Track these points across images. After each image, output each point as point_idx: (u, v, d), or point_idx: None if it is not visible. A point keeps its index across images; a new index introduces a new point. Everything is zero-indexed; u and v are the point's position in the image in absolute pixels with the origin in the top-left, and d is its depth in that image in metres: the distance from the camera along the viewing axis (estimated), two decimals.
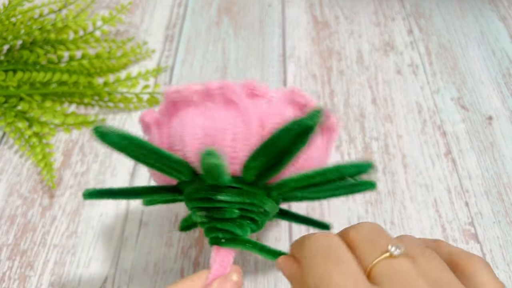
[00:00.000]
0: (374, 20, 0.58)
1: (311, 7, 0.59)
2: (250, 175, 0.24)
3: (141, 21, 0.57)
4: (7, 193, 0.41)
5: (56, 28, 0.48)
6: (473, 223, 0.39)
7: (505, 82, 0.51)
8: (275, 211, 0.27)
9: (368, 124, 0.46)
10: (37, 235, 0.38)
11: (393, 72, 0.51)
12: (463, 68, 0.52)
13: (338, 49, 0.54)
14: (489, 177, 0.42)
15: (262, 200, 0.25)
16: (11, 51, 0.47)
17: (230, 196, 0.25)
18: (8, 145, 0.44)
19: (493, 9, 0.59)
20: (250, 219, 0.26)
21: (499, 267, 0.36)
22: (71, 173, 0.42)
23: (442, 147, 0.44)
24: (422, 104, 0.48)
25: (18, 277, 0.36)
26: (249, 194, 0.25)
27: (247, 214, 0.26)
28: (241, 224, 0.26)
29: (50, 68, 0.46)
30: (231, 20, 0.57)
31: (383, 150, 0.44)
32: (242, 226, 0.26)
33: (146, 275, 0.36)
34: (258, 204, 0.25)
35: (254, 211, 0.26)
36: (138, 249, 0.37)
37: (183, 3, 0.59)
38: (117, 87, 0.46)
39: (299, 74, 0.51)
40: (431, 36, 0.56)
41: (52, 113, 0.44)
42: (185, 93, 0.25)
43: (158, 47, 0.54)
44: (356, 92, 0.49)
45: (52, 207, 0.40)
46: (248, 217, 0.26)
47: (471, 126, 0.46)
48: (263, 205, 0.26)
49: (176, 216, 0.39)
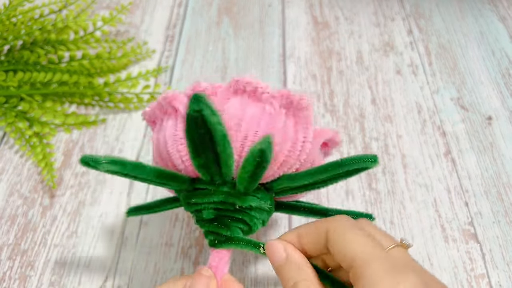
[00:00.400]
0: (374, 20, 0.58)
1: (311, 8, 0.59)
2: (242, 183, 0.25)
3: (141, 21, 0.57)
4: (8, 193, 0.41)
5: (56, 29, 0.49)
6: (473, 223, 0.39)
7: (505, 82, 0.51)
8: (268, 209, 0.27)
9: (368, 124, 0.46)
10: (38, 235, 0.38)
11: (393, 72, 0.51)
12: (462, 68, 0.52)
13: (338, 50, 0.54)
14: (488, 177, 0.42)
15: (246, 199, 0.26)
16: (12, 51, 0.47)
17: (201, 198, 0.26)
18: (8, 145, 0.44)
19: (493, 10, 0.59)
20: (231, 218, 0.26)
21: (498, 266, 0.37)
22: (72, 173, 0.42)
23: (442, 147, 0.44)
24: (422, 104, 0.48)
25: (18, 277, 0.36)
26: (225, 194, 0.25)
27: (225, 214, 0.26)
28: (226, 224, 0.26)
29: (51, 68, 0.46)
30: (231, 20, 0.57)
31: (383, 150, 0.44)
32: (228, 227, 0.26)
33: (146, 275, 0.36)
34: (237, 203, 0.26)
35: (229, 209, 0.26)
36: (138, 249, 0.37)
37: (183, 3, 0.60)
38: (117, 87, 0.47)
39: (299, 74, 0.51)
40: (431, 36, 0.56)
41: (52, 113, 0.44)
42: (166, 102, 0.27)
43: (158, 47, 0.54)
44: (356, 92, 0.49)
45: (53, 207, 0.40)
46: (228, 216, 0.26)
47: (471, 126, 0.46)
48: (243, 203, 0.26)
49: (176, 216, 0.39)
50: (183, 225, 0.39)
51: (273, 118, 0.25)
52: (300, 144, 0.25)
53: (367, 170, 0.27)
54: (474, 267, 0.37)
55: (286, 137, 0.25)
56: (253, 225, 0.27)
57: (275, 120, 0.25)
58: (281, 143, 0.25)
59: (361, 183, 0.41)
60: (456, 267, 0.36)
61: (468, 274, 0.36)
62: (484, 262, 0.37)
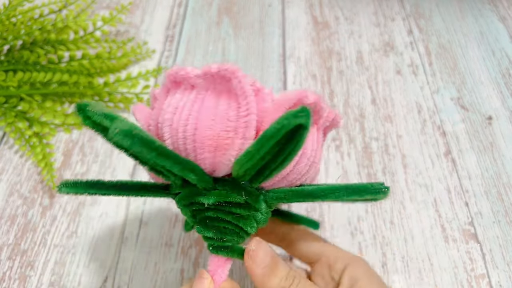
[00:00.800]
0: (374, 20, 0.58)
1: (311, 8, 0.59)
2: (243, 175, 0.22)
3: (141, 21, 0.57)
4: (8, 193, 0.41)
5: (56, 28, 0.48)
6: (473, 223, 0.39)
7: (505, 82, 0.51)
8: (264, 215, 0.25)
9: (368, 124, 0.46)
10: (38, 235, 0.38)
11: (393, 72, 0.51)
12: (462, 68, 0.52)
13: (338, 50, 0.54)
14: (488, 177, 0.42)
15: (241, 202, 0.24)
16: (12, 51, 0.47)
17: (181, 200, 0.24)
18: (8, 145, 0.44)
19: (493, 10, 0.59)
20: (225, 223, 0.24)
21: (499, 267, 0.36)
22: (71, 173, 0.42)
23: (442, 147, 0.44)
24: (422, 104, 0.48)
25: (18, 277, 0.36)
26: (221, 195, 0.24)
27: (221, 218, 0.24)
28: (220, 231, 0.24)
29: (51, 68, 0.46)
30: (231, 20, 0.57)
31: (383, 150, 0.44)
32: (223, 233, 0.24)
33: (146, 275, 0.36)
34: (232, 204, 0.24)
35: (225, 212, 0.24)
36: (138, 249, 0.37)
37: (183, 3, 0.59)
38: (117, 87, 0.46)
39: (299, 74, 0.51)
40: (431, 36, 0.56)
41: (52, 113, 0.44)
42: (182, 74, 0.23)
43: (158, 47, 0.54)
44: (356, 92, 0.49)
45: (53, 207, 0.40)
46: (223, 220, 0.24)
47: (471, 126, 0.46)
48: (237, 205, 0.24)
49: (176, 216, 0.39)
50: (183, 225, 0.39)
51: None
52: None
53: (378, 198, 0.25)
54: (474, 267, 0.36)
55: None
56: (248, 230, 0.25)
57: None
58: (311, 154, 0.24)
59: None
60: (456, 267, 0.36)
61: (468, 274, 0.36)
62: (484, 262, 0.37)
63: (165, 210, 0.40)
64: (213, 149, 0.22)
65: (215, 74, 0.22)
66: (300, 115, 0.18)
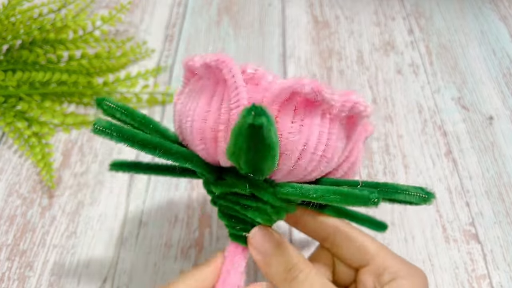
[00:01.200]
0: (374, 19, 0.57)
1: (311, 7, 0.59)
2: (240, 167, 0.22)
3: (140, 20, 0.57)
4: (7, 193, 0.40)
5: (55, 28, 0.48)
6: (474, 223, 0.39)
7: (506, 81, 0.50)
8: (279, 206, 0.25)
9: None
10: (37, 235, 0.38)
11: (394, 72, 0.51)
12: (463, 68, 0.52)
13: (338, 49, 0.54)
14: (489, 177, 0.42)
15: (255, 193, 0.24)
16: (11, 50, 0.47)
17: (221, 188, 0.25)
18: (7, 145, 0.44)
19: (494, 9, 0.59)
20: (245, 208, 0.25)
21: (500, 267, 0.36)
22: (71, 173, 0.42)
23: (443, 147, 0.44)
24: (423, 104, 0.48)
25: (17, 278, 0.36)
26: (229, 185, 0.24)
27: (241, 205, 0.25)
28: (230, 216, 0.25)
29: (50, 68, 0.46)
30: (231, 20, 0.57)
31: (384, 150, 0.44)
32: (233, 220, 0.25)
33: (146, 275, 0.36)
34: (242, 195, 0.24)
35: (245, 202, 0.25)
36: (138, 249, 0.37)
37: (183, 3, 0.59)
38: (116, 87, 0.46)
39: (299, 74, 0.51)
40: (432, 35, 0.56)
41: (51, 113, 0.44)
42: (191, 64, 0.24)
43: (157, 46, 0.54)
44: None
45: (52, 207, 0.40)
46: (244, 206, 0.25)
47: (472, 126, 0.46)
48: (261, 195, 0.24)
49: (176, 216, 0.39)
50: (182, 226, 0.39)
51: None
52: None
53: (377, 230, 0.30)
54: (475, 267, 0.36)
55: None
56: (259, 220, 0.25)
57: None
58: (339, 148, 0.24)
59: None
60: (457, 268, 0.36)
61: (469, 274, 0.36)
62: (485, 263, 0.37)
63: (165, 210, 0.39)
64: (208, 140, 0.23)
65: (209, 64, 0.22)
66: (247, 115, 0.18)
